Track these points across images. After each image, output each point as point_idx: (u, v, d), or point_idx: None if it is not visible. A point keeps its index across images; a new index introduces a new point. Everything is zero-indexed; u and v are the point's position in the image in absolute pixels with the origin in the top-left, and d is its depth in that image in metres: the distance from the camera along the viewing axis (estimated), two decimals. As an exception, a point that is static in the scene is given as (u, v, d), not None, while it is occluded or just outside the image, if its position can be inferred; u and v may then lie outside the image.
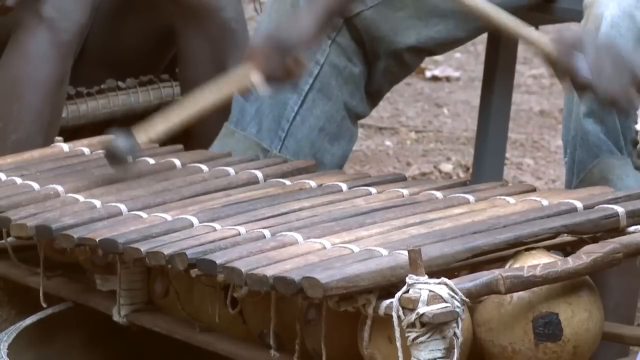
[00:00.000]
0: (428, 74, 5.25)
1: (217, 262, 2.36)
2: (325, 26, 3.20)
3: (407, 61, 3.47)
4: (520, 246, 2.42)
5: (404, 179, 3.04)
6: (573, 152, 3.05)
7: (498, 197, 2.71)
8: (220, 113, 3.32)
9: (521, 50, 3.85)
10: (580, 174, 3.01)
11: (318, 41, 3.23)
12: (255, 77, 2.98)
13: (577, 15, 3.25)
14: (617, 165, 2.96)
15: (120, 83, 3.71)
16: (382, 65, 3.43)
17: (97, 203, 2.78)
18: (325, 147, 3.39)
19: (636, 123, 2.31)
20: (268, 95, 3.23)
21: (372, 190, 2.81)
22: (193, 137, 3.45)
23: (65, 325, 2.91)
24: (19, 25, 3.45)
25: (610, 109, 2.83)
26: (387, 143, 4.73)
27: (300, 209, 2.69)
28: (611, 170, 2.96)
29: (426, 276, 2.19)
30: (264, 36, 3.23)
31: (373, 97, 3.49)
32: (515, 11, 3.25)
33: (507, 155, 4.03)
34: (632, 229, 2.48)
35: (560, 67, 2.74)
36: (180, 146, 3.25)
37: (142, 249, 2.48)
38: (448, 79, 5.41)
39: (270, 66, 3.05)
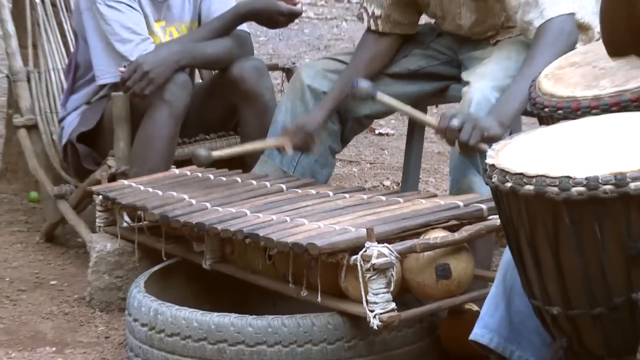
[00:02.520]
0: (376, 131, 5.73)
1: (260, 234, 2.98)
2: (328, 118, 3.74)
3: (364, 123, 4.00)
4: (428, 226, 2.99)
5: (363, 189, 3.69)
6: (453, 173, 3.47)
7: (415, 199, 3.24)
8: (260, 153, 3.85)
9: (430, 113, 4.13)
10: (457, 186, 3.42)
11: (324, 127, 3.73)
12: (288, 146, 3.58)
13: (459, 99, 3.60)
14: (477, 181, 3.33)
15: (206, 136, 4.18)
16: (350, 125, 3.90)
17: (194, 201, 3.39)
18: (318, 171, 3.83)
19: (485, 158, 2.36)
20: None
21: (346, 195, 3.39)
22: (248, 167, 3.89)
23: (177, 271, 3.44)
24: (151, 104, 3.83)
25: (467, 153, 3.24)
26: (354, 169, 5.28)
27: (306, 206, 3.28)
28: (474, 184, 3.35)
29: (376, 243, 2.78)
30: (293, 123, 3.68)
31: (345, 142, 3.97)
32: (424, 96, 3.93)
33: (420, 176, 4.33)
34: (490, 217, 3.00)
35: (441, 131, 3.22)
36: (240, 170, 3.83)
37: (218, 228, 3.11)
38: (387, 134, 5.79)
39: (296, 141, 3.62)
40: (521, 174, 2.20)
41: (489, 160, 2.32)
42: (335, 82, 3.77)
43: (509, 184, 2.22)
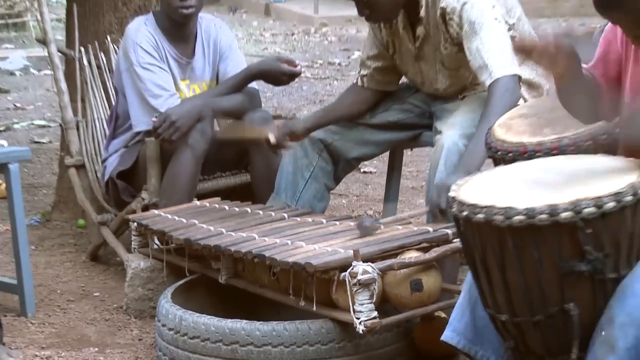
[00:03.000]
0: (362, 170, 5.66)
1: (266, 255, 2.99)
2: (309, 129, 3.75)
3: (352, 164, 3.96)
4: (403, 248, 2.96)
5: (351, 217, 3.62)
6: (428, 207, 3.30)
7: (394, 226, 3.19)
8: (270, 190, 3.83)
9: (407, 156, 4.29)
10: (432, 216, 3.30)
11: (304, 135, 3.74)
12: (272, 137, 3.62)
13: (430, 144, 3.65)
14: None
15: (222, 173, 4.14)
16: (341, 165, 3.87)
17: (212, 228, 3.39)
18: (315, 204, 3.80)
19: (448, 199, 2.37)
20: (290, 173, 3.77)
21: (337, 223, 3.36)
22: (256, 199, 3.87)
23: (198, 285, 3.42)
24: (177, 148, 3.81)
25: (435, 213, 3.19)
26: (343, 201, 5.22)
27: (303, 231, 3.26)
28: (443, 215, 3.17)
29: (361, 262, 2.80)
30: (281, 123, 3.77)
31: (337, 180, 3.93)
32: (401, 142, 3.94)
33: (397, 207, 4.26)
34: (455, 240, 2.95)
35: (434, 213, 3.18)
36: (250, 202, 3.79)
37: (232, 249, 3.12)
38: (371, 172, 5.72)
39: (279, 135, 3.66)
40: (474, 204, 2.22)
41: (451, 194, 2.33)
42: (321, 109, 3.89)
43: (464, 213, 2.24)
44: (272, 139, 3.68)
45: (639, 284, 2.16)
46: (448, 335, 2.49)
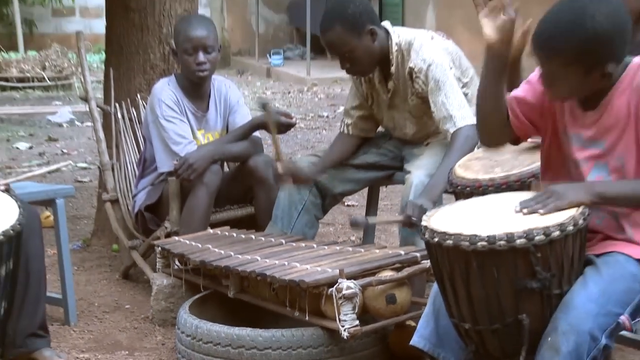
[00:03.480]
0: (346, 203, 5.58)
1: (267, 274, 3.00)
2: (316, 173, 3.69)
3: (337, 198, 3.93)
4: (380, 268, 2.98)
5: (336, 243, 3.64)
6: (402, 233, 3.43)
7: (372, 249, 3.23)
8: (269, 220, 3.77)
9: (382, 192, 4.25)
10: (405, 242, 3.38)
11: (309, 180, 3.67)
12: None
13: (401, 182, 3.60)
14: (418, 241, 3.22)
15: (231, 206, 4.11)
16: (328, 199, 3.84)
17: (222, 251, 3.37)
18: (307, 231, 3.76)
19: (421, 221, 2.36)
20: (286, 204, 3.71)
21: (325, 247, 3.35)
22: (259, 228, 3.83)
23: (211, 299, 3.38)
24: (194, 185, 3.79)
25: (410, 227, 3.20)
26: (330, 229, 5.17)
27: (298, 254, 3.25)
28: (414, 239, 3.28)
29: (346, 279, 2.83)
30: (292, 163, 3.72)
31: (325, 211, 3.89)
32: (378, 180, 3.91)
33: (375, 234, 4.28)
34: (422, 262, 3.00)
35: (406, 223, 3.18)
36: (254, 230, 3.76)
37: (239, 269, 3.13)
38: (353, 205, 5.63)
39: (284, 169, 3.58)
40: (444, 232, 2.21)
41: (423, 223, 2.32)
42: (319, 160, 3.80)
43: (436, 239, 2.23)
44: (279, 168, 3.61)
45: (578, 298, 2.16)
46: (416, 340, 2.47)
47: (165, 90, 3.95)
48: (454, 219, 2.31)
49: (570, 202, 2.19)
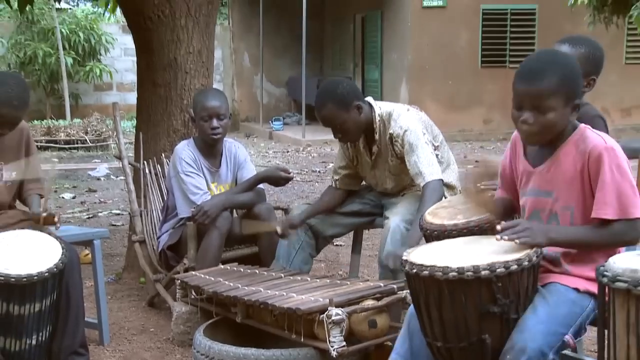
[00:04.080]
0: (335, 243, 5.49)
1: (269, 302, 2.93)
2: (303, 221, 3.64)
3: (328, 239, 3.86)
4: (364, 298, 2.92)
5: (327, 277, 3.50)
6: (380, 269, 3.39)
7: (356, 282, 3.18)
8: (271, 258, 3.72)
9: (365, 234, 4.24)
10: (383, 275, 3.34)
11: (301, 226, 3.64)
12: (279, 229, 3.57)
13: (381, 226, 3.55)
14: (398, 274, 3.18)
15: (239, 246, 4.02)
16: (320, 240, 3.80)
17: (231, 284, 3.29)
18: (303, 267, 3.71)
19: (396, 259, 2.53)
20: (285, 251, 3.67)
21: (317, 280, 3.28)
22: (262, 264, 3.77)
23: (222, 324, 3.29)
24: (209, 229, 3.73)
25: (387, 271, 3.22)
26: (322, 265, 5.08)
27: (295, 286, 3.19)
28: (393, 274, 3.24)
29: (335, 307, 2.78)
30: (283, 219, 3.64)
31: (318, 251, 3.84)
32: (361, 225, 3.84)
33: (359, 269, 4.22)
34: (399, 292, 2.95)
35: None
36: (258, 266, 3.65)
37: (245, 298, 3.06)
38: (341, 245, 5.57)
39: (283, 228, 3.58)
40: (421, 264, 2.20)
41: (404, 257, 2.30)
42: (310, 206, 3.77)
43: (414, 270, 2.20)
44: (279, 230, 3.61)
45: (529, 321, 2.14)
46: (393, 357, 2.41)
47: (185, 150, 3.92)
48: (429, 255, 2.30)
49: (534, 243, 2.19)
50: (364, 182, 3.89)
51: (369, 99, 3.60)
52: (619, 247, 2.25)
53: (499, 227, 2.20)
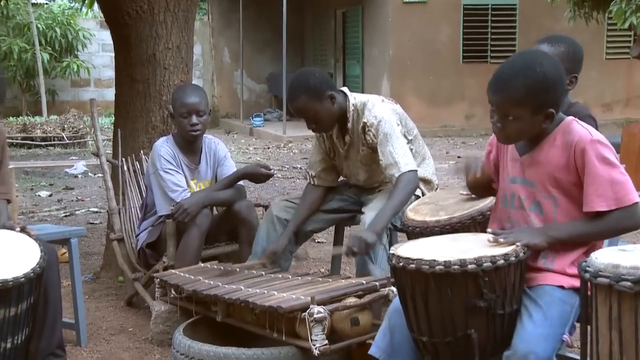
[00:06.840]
0: (316, 240, 5.51)
1: (249, 300, 2.92)
2: (289, 242, 3.62)
3: (308, 234, 3.81)
4: (345, 295, 2.92)
5: (308, 274, 3.51)
6: (357, 265, 3.40)
7: (338, 279, 3.17)
8: (249, 251, 3.68)
9: (347, 231, 4.13)
10: (360, 272, 3.33)
11: (286, 248, 3.59)
12: (268, 264, 3.51)
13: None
14: (371, 268, 3.28)
15: (218, 243, 4.03)
16: (300, 236, 3.74)
17: (212, 282, 3.27)
18: (283, 263, 3.63)
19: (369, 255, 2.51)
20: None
21: (299, 277, 3.29)
22: (242, 261, 3.71)
23: (201, 323, 3.26)
24: (188, 226, 3.71)
25: (355, 256, 3.18)
26: (303, 262, 4.75)
27: (275, 284, 3.17)
28: (369, 270, 3.27)
29: (316, 305, 2.77)
30: (268, 250, 3.55)
31: (298, 246, 3.76)
32: (342, 221, 3.85)
33: (341, 266, 4.22)
34: (381, 290, 2.96)
35: (348, 254, 3.17)
36: (238, 263, 3.63)
37: (225, 297, 3.04)
38: (322, 242, 5.55)
39: (272, 259, 3.54)
40: (408, 258, 2.19)
41: (391, 251, 2.29)
42: (291, 219, 3.69)
43: (401, 264, 2.20)
44: (269, 266, 3.55)
45: (528, 326, 2.15)
46: (373, 351, 2.40)
47: (164, 147, 3.90)
48: (416, 249, 2.30)
49: (534, 243, 2.22)
50: (341, 178, 3.91)
51: (344, 89, 3.60)
52: (620, 234, 2.28)
53: (491, 238, 2.24)
